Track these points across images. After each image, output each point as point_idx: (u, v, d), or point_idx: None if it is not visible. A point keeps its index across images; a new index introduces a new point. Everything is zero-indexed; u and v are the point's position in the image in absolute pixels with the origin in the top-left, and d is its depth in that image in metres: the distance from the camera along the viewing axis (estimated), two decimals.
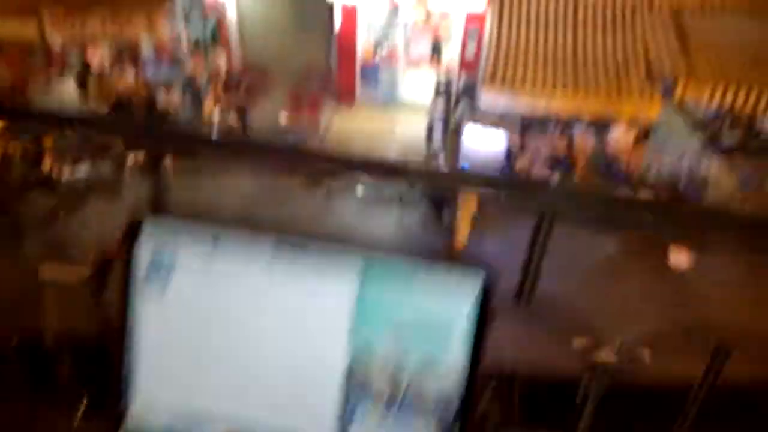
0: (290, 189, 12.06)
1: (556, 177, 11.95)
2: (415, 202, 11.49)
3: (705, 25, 11.96)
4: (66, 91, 14.37)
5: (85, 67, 14.35)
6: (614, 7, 12.34)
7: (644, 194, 11.08)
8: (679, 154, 12.59)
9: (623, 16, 12.28)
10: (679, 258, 8.82)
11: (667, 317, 6.98)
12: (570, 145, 12.19)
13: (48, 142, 11.13)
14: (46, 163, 11.17)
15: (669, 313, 7.25)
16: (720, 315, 7.11)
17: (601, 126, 12.28)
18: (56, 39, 14.29)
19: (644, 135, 12.09)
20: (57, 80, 14.65)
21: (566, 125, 12.39)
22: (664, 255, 8.86)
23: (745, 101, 11.10)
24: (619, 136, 12.11)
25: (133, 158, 10.57)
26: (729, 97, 11.05)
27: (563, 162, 12.02)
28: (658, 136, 12.60)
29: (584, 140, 12.24)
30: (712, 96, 11.17)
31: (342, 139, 13.37)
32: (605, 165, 12.11)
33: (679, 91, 11.18)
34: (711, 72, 11.18)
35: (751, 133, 12.61)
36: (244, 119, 13.37)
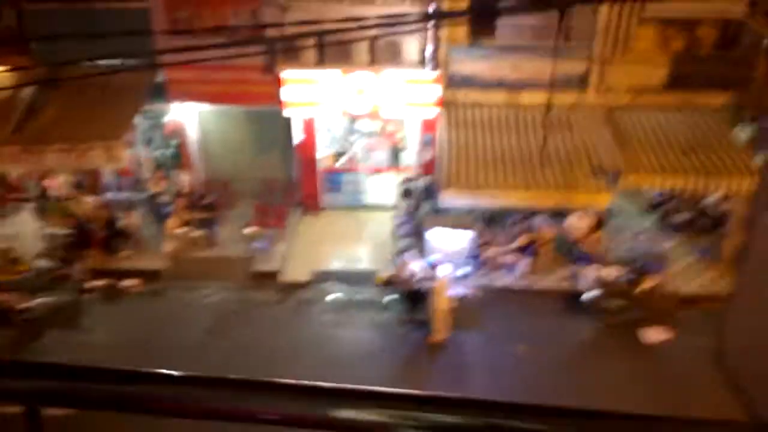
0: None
1: (524, 263, 12.18)
2: (389, 302, 11.42)
3: (638, 121, 12.70)
4: (24, 218, 14.16)
5: (44, 194, 14.25)
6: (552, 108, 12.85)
7: (607, 272, 11.35)
8: (636, 235, 13.14)
9: (560, 116, 12.75)
10: None
11: None
12: (532, 233, 12.57)
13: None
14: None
15: None
16: None
17: (558, 215, 12.72)
18: (14, 172, 14.27)
19: (600, 220, 12.59)
20: (14, 207, 14.47)
21: (526, 216, 12.82)
22: None
23: (685, 187, 11.60)
24: (576, 223, 12.56)
25: None
26: (669, 184, 11.54)
27: (528, 249, 12.32)
28: (614, 220, 13.16)
29: (545, 229, 12.65)
30: (654, 185, 11.67)
31: (309, 244, 13.40)
32: (568, 249, 12.46)
33: (623, 183, 11.58)
34: (649, 164, 11.67)
35: (698, 212, 13.35)
36: (210, 233, 13.34)
